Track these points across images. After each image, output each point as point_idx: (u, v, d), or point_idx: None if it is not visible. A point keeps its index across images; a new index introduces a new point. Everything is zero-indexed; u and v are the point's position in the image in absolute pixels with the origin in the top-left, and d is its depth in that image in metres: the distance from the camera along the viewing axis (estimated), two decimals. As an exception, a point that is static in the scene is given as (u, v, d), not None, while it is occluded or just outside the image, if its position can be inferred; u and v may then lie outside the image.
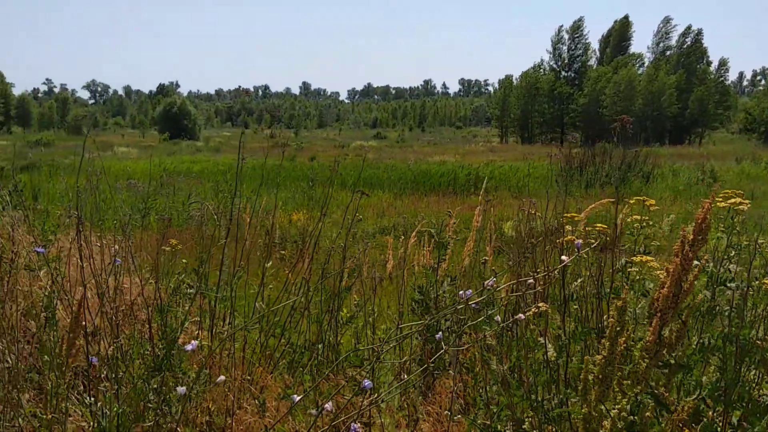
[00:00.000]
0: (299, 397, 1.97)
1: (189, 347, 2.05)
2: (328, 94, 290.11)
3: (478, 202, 4.11)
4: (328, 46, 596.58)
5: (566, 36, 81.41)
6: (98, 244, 4.05)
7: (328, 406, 1.88)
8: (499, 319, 2.33)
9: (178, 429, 2.49)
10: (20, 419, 2.47)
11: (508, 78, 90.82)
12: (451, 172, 28.50)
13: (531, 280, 2.21)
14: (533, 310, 2.10)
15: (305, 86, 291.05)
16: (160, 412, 2.91)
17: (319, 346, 3.55)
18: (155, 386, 2.85)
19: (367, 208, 18.82)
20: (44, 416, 2.14)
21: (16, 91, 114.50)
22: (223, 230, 3.84)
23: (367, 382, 1.88)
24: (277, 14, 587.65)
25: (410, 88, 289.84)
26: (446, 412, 2.79)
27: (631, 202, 2.78)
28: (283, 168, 30.99)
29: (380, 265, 5.06)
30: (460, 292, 2.06)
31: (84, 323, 2.43)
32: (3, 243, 3.89)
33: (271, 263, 3.85)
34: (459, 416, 2.76)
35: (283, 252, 8.47)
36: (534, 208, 3.58)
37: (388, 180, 26.02)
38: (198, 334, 3.63)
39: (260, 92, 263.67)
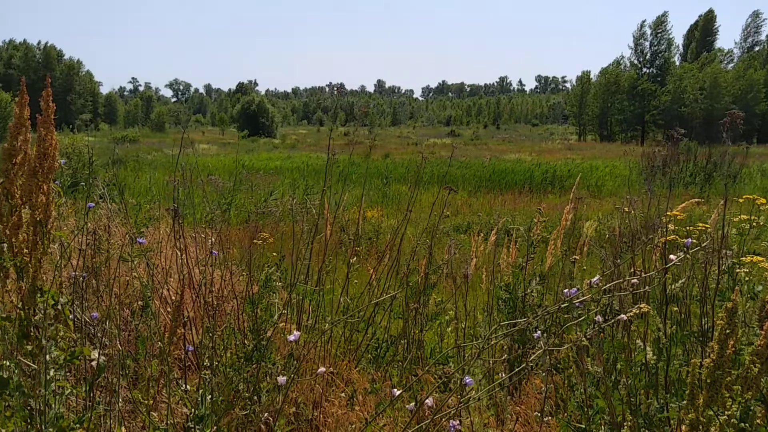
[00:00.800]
0: (399, 391, 1.97)
1: (291, 338, 2.07)
2: (402, 91, 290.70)
3: (556, 201, 4.01)
4: (404, 44, 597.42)
5: (648, 31, 78.86)
6: (190, 237, 4.16)
7: (429, 401, 1.87)
8: (600, 319, 2.26)
9: (270, 418, 2.53)
10: (119, 403, 2.56)
11: (586, 74, 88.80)
12: (528, 170, 28.05)
13: (635, 280, 2.14)
14: (634, 311, 2.03)
15: (380, 84, 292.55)
16: (249, 401, 2.97)
17: (403, 342, 3.55)
18: (246, 376, 2.91)
19: (439, 206, 18.70)
20: (146, 401, 2.21)
21: (104, 90, 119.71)
22: (302, 225, 3.87)
23: (468, 379, 1.86)
24: (353, 13, 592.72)
25: (485, 85, 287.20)
26: (536, 413, 2.74)
27: (740, 201, 2.65)
28: (357, 165, 31.25)
29: (458, 264, 5.02)
30: (565, 291, 2.01)
31: (185, 313, 2.49)
32: (101, 234, 4.05)
33: (355, 259, 3.87)
34: (549, 417, 2.70)
35: (357, 248, 8.53)
36: (630, 206, 3.46)
37: (462, 178, 25.80)
38: (285, 326, 3.68)
39: (335, 90, 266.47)
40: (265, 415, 2.62)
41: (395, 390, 1.99)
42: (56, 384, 2.08)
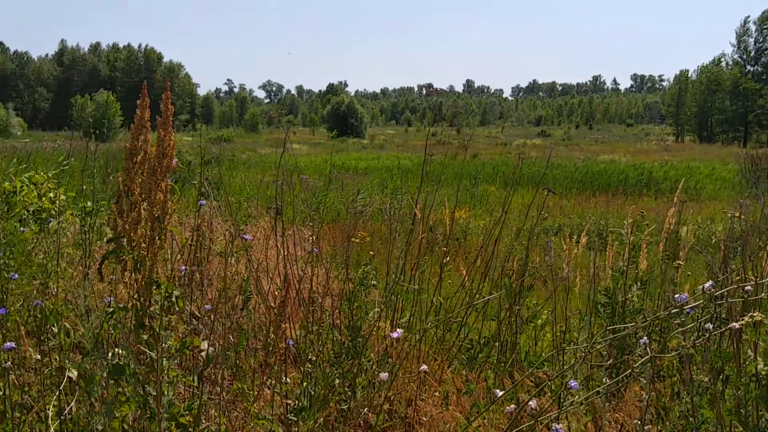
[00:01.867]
0: (502, 393, 1.97)
1: (395, 335, 2.11)
2: (492, 91, 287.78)
3: (651, 204, 3.88)
4: (493, 43, 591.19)
5: (753, 28, 74.90)
6: (287, 234, 4.27)
7: (533, 403, 1.86)
8: (710, 327, 2.18)
9: (369, 413, 2.57)
10: (224, 393, 2.67)
11: (684, 73, 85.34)
12: (622, 171, 27.22)
13: (749, 287, 2.05)
14: (746, 319, 1.95)
15: (468, 84, 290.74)
16: (345, 396, 3.03)
17: (496, 343, 3.53)
18: (342, 372, 2.97)
19: (530, 207, 18.45)
20: (251, 392, 2.30)
21: (201, 91, 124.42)
22: (390, 225, 3.90)
23: (573, 383, 1.83)
24: (442, 13, 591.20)
25: (577, 84, 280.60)
26: (636, 421, 2.66)
27: None
28: (445, 166, 31.12)
29: (552, 266, 4.93)
30: (676, 296, 1.95)
31: (289, 308, 2.57)
32: (204, 230, 4.22)
33: (448, 259, 3.87)
34: (650, 426, 2.62)
35: (445, 249, 8.52)
36: (740, 210, 3.31)
37: (553, 178, 25.29)
38: (377, 324, 3.73)
39: (423, 90, 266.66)
40: (365, 410, 2.66)
41: (497, 391, 1.99)
42: (169, 372, 2.19)
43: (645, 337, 2.42)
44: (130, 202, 2.20)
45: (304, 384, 2.41)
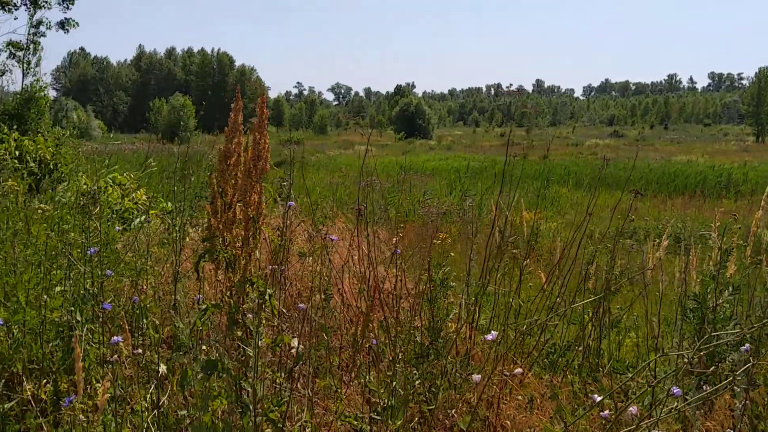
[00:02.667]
0: (600, 398, 1.94)
1: (490, 337, 2.10)
2: (562, 90, 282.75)
3: (731, 206, 3.74)
4: (564, 42, 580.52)
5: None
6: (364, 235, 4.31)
7: (633, 409, 1.82)
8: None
9: (454, 414, 2.58)
10: (309, 390, 2.72)
11: (764, 71, 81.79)
12: (700, 173, 26.32)
13: None
14: None
15: (538, 83, 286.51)
16: (425, 397, 3.04)
17: (579, 348, 3.47)
18: (423, 372, 2.98)
19: (603, 208, 18.10)
20: (340, 391, 2.34)
21: (272, 94, 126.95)
22: (459, 226, 3.88)
23: (676, 389, 1.79)
24: (510, 12, 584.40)
25: (652, 83, 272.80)
26: (728, 430, 2.58)
27: None
28: (514, 167, 30.76)
29: (632, 270, 4.82)
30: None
31: (376, 310, 2.60)
32: (282, 229, 4.31)
33: (527, 262, 3.83)
34: (743, 437, 2.53)
35: (515, 251, 8.44)
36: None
37: (627, 180, 24.65)
38: (454, 326, 3.73)
39: (492, 90, 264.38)
40: (453, 411, 2.67)
41: (595, 396, 1.96)
42: (261, 368, 2.25)
43: (747, 345, 2.34)
44: (224, 203, 2.27)
45: (394, 383, 2.43)
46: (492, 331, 2.25)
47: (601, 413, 1.87)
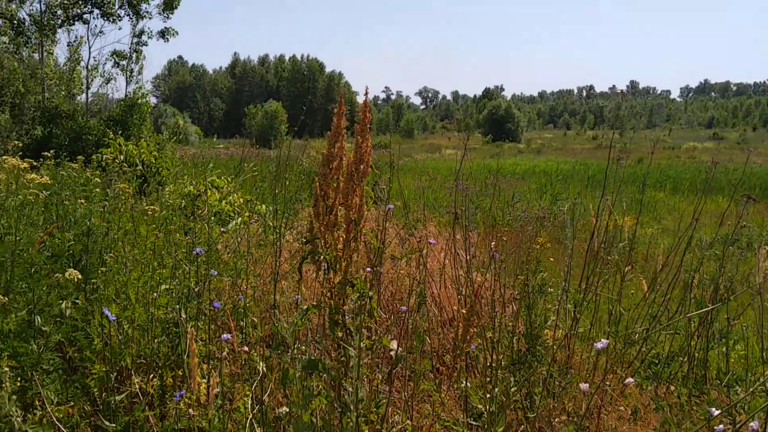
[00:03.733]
0: (718, 412, 1.85)
1: (599, 345, 2.05)
2: (658, 92, 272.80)
3: None
4: (660, 41, 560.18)
5: None
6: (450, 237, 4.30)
7: (754, 424, 1.73)
8: None
9: (556, 422, 2.53)
10: (405, 393, 2.73)
11: None
12: (810, 177, 24.79)
13: None
14: None
15: (632, 85, 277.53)
16: (522, 404, 2.99)
17: (683, 359, 3.34)
18: (520, 379, 2.94)
19: (703, 214, 17.34)
20: (437, 395, 2.34)
21: (360, 99, 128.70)
22: (547, 231, 3.79)
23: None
24: (600, 14, 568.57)
25: (755, 83, 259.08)
26: None
27: None
28: (606, 170, 29.89)
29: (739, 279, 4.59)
30: None
31: (478, 313, 2.59)
32: (375, 232, 4.35)
33: (629, 269, 3.72)
34: None
35: (608, 258, 8.20)
36: None
37: (728, 184, 23.50)
38: (550, 333, 3.65)
39: (584, 92, 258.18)
40: (556, 420, 2.62)
41: (713, 410, 1.87)
42: (358, 369, 2.28)
43: None
44: (326, 206, 2.31)
45: (496, 390, 2.41)
46: (603, 339, 2.18)
47: (716, 427, 1.79)
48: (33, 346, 2.84)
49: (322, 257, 2.34)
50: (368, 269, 3.00)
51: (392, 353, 2.36)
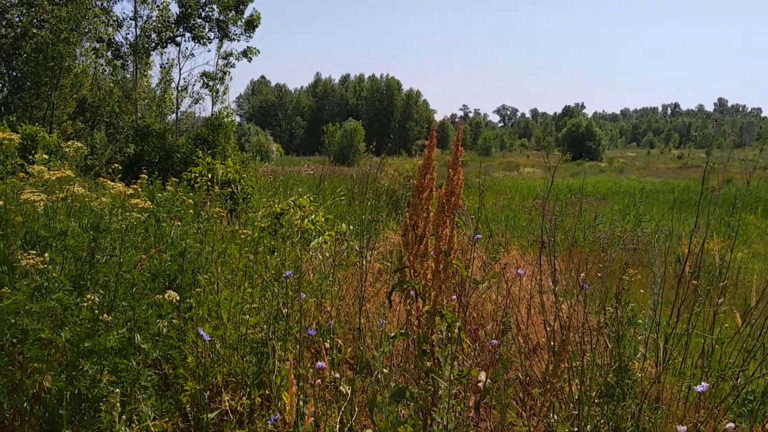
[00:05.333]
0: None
1: (700, 388, 2.00)
2: (748, 110, 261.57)
3: None
4: (750, 57, 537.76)
5: None
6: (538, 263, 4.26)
7: None
8: None
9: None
10: (490, 423, 2.72)
11: None
12: None
13: None
14: None
15: (721, 102, 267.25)
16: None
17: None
18: (607, 413, 2.88)
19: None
20: (528, 427, 2.32)
21: (438, 117, 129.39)
22: (628, 254, 3.70)
23: None
24: (684, 29, 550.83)
25: None
26: None
27: None
28: (694, 192, 28.96)
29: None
30: None
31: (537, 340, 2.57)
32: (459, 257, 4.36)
33: (723, 300, 3.59)
34: None
35: (694, 282, 7.90)
36: None
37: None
38: (638, 365, 3.56)
39: (669, 110, 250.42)
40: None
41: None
42: (448, 399, 2.30)
43: None
44: (416, 236, 2.35)
45: (588, 428, 2.37)
46: (703, 383, 2.12)
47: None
48: (132, 362, 2.98)
49: (410, 286, 2.37)
50: (453, 297, 3.02)
51: (480, 384, 2.37)
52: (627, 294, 3.56)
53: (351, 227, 8.66)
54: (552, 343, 2.92)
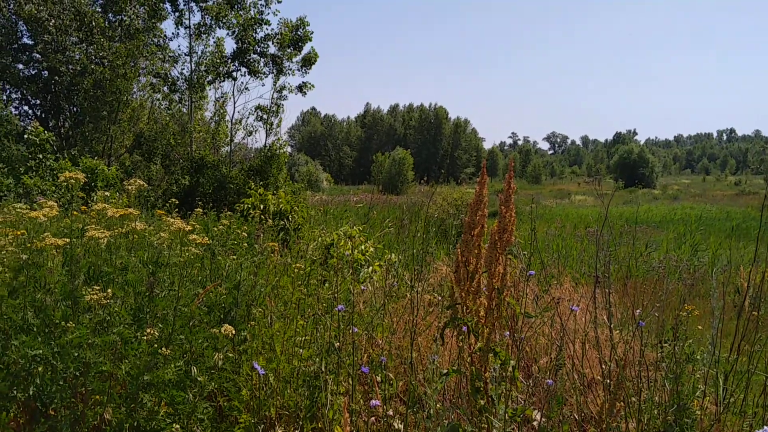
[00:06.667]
0: None
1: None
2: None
3: None
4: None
5: None
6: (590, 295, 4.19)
7: None
8: None
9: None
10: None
11: None
12: None
13: None
14: None
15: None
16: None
17: None
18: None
19: None
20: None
21: (487, 145, 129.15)
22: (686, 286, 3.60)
23: None
24: (739, 55, 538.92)
25: None
26: None
27: None
28: (752, 219, 28.11)
29: None
30: None
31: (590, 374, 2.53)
32: (512, 290, 4.33)
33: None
34: None
35: (755, 313, 7.65)
36: None
37: None
38: (697, 403, 3.46)
39: (724, 136, 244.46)
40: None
41: None
42: (501, 438, 2.28)
43: None
44: (468, 272, 2.35)
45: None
46: (766, 426, 2.06)
47: None
48: (189, 395, 3.03)
49: (462, 323, 2.37)
50: (506, 333, 3.00)
51: (535, 423, 2.34)
52: (684, 329, 3.48)
53: (400, 258, 8.67)
54: (608, 381, 2.87)
